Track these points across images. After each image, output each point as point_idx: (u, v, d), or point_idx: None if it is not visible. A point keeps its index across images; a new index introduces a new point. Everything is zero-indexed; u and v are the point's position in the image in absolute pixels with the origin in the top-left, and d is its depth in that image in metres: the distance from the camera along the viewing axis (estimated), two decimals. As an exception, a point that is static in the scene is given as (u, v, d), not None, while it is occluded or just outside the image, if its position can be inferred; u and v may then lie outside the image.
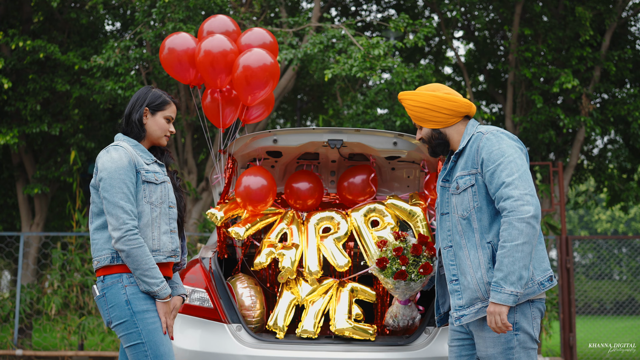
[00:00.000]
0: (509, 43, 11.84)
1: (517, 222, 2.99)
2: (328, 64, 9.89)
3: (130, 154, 3.31)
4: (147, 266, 3.19)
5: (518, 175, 3.06)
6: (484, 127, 3.30)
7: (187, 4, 9.72)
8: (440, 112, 3.32)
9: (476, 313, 3.12)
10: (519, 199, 3.01)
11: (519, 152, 3.14)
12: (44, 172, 11.59)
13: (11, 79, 10.77)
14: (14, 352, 10.13)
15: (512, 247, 2.98)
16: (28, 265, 11.54)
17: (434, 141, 3.39)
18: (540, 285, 3.08)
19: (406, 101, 3.41)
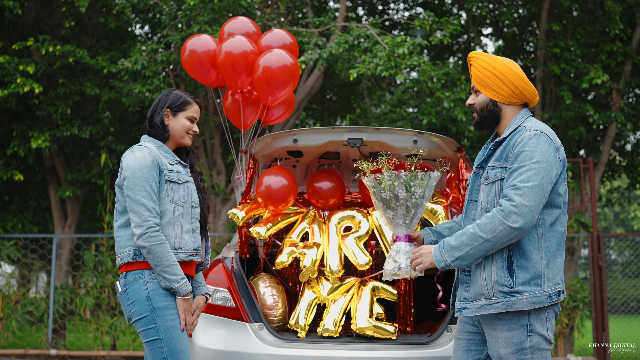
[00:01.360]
0: (537, 39, 11.71)
1: (498, 222, 2.95)
2: (354, 64, 9.89)
3: (154, 153, 3.38)
4: (168, 263, 3.24)
5: (532, 185, 2.94)
6: (532, 121, 3.15)
7: (212, 6, 9.79)
8: (507, 85, 3.16)
9: (478, 309, 3.07)
10: (517, 207, 2.93)
11: (550, 161, 2.99)
12: (75, 175, 11.77)
13: (42, 84, 10.96)
14: (49, 351, 10.31)
15: (477, 236, 2.98)
16: (61, 267, 11.73)
17: (486, 111, 3.22)
18: (548, 297, 2.99)
19: (477, 60, 3.24)
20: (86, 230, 16.08)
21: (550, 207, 3.05)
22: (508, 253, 3.04)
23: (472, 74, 3.26)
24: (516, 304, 2.97)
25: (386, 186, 3.43)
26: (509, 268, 3.02)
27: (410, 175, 3.43)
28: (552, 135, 3.07)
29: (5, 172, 11.19)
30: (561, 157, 3.06)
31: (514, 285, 2.99)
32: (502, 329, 3.03)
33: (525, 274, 3.00)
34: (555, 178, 3.02)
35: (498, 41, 14.44)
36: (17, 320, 10.69)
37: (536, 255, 3.01)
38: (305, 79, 12.43)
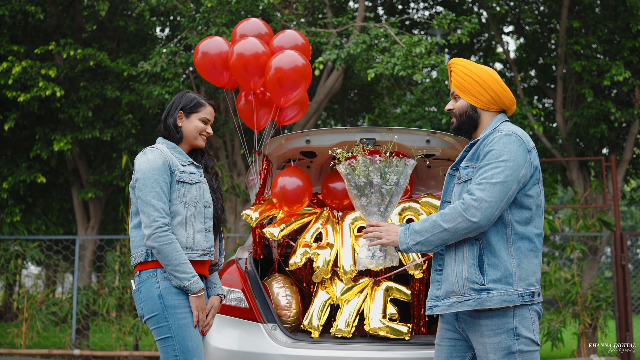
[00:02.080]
0: (558, 36, 11.60)
1: (458, 214, 2.99)
2: (372, 64, 9.87)
3: (166, 155, 3.42)
4: (178, 261, 3.27)
5: (495, 181, 2.98)
6: (506, 125, 3.19)
7: (229, 8, 9.83)
8: (487, 91, 3.20)
9: (449, 306, 3.08)
10: (477, 201, 2.97)
11: (518, 161, 3.03)
12: (97, 177, 11.88)
13: (64, 87, 11.08)
14: (72, 352, 10.42)
15: (438, 225, 3.04)
16: (84, 268, 11.86)
17: (465, 116, 3.26)
18: (519, 296, 3.00)
19: (457, 67, 3.28)
20: (109, 232, 16.24)
21: (520, 207, 3.06)
22: (479, 251, 3.06)
23: (453, 79, 3.29)
24: (486, 301, 2.98)
25: (360, 172, 3.42)
26: (480, 266, 3.04)
27: (385, 161, 3.43)
28: (524, 137, 3.10)
29: (29, 175, 11.33)
30: (532, 159, 3.08)
31: (484, 283, 3.00)
32: (488, 335, 3.04)
33: (496, 272, 3.01)
34: (524, 179, 3.03)
35: (519, 39, 14.33)
36: (41, 320, 10.83)
37: (506, 255, 3.03)
38: (324, 79, 12.44)
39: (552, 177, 14.67)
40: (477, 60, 14.99)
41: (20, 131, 12.03)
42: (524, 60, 13.83)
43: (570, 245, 10.38)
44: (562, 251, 10.84)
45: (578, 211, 10.95)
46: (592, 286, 10.11)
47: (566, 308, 10.11)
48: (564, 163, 12.10)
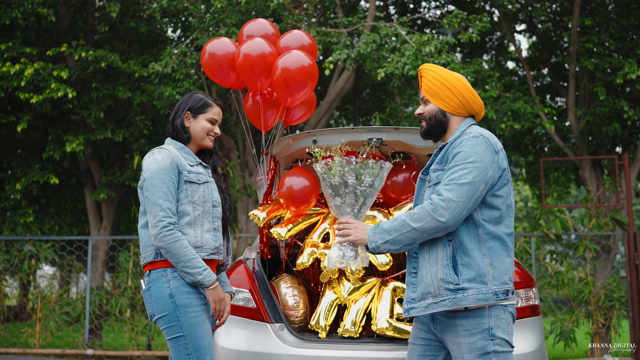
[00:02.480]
0: (570, 34, 11.53)
1: (426, 214, 3.03)
2: (382, 63, 9.86)
3: (174, 155, 3.44)
4: (187, 258, 3.29)
5: (463, 182, 3.02)
6: (474, 128, 3.23)
7: (239, 8, 9.84)
8: (456, 96, 3.25)
9: (425, 308, 3.10)
10: (445, 201, 3.01)
11: (485, 162, 3.06)
12: (109, 178, 11.94)
13: (76, 89, 11.15)
14: (85, 351, 10.49)
15: (406, 224, 3.07)
16: (97, 268, 11.92)
17: (434, 120, 3.31)
18: (494, 295, 3.04)
19: (428, 72, 3.33)
20: (122, 232, 16.32)
21: (490, 208, 3.10)
22: (452, 251, 3.09)
23: (423, 84, 3.34)
24: (462, 300, 3.02)
25: (336, 172, 3.45)
26: (453, 266, 3.07)
27: (361, 163, 3.45)
28: (492, 139, 3.14)
29: (42, 176, 11.41)
30: (500, 160, 3.11)
31: (459, 283, 3.04)
32: (464, 335, 3.07)
33: (470, 272, 3.04)
34: (492, 180, 3.07)
35: (531, 38, 14.26)
36: (54, 320, 10.90)
37: (478, 254, 3.06)
38: (335, 79, 12.44)
39: (565, 176, 14.59)
40: (489, 59, 14.93)
41: (33, 132, 12.12)
42: (537, 59, 13.76)
43: (583, 244, 10.32)
44: (575, 250, 10.78)
45: (591, 210, 10.88)
46: (605, 286, 10.05)
47: (579, 308, 10.05)
48: (577, 162, 12.03)
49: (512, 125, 10.27)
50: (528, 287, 4.33)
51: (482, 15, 10.06)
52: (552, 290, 10.47)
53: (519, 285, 4.28)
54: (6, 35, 11.22)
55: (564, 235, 10.66)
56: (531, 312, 4.30)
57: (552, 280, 10.20)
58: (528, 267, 10.17)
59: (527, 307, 4.29)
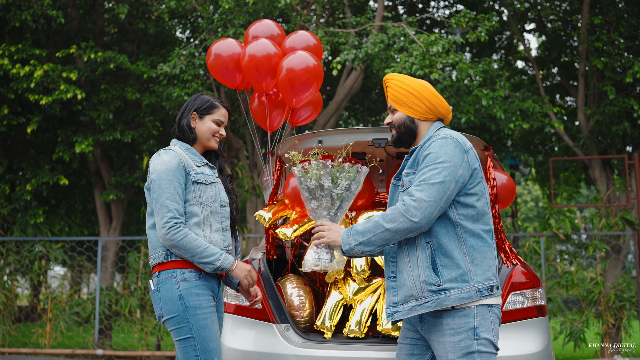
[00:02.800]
0: (579, 33, 11.47)
1: (399, 214, 3.06)
2: (390, 63, 9.85)
3: (181, 156, 3.44)
4: (201, 249, 3.30)
5: (433, 182, 3.05)
6: (443, 130, 3.26)
7: (247, 9, 9.86)
8: (422, 102, 3.30)
9: (409, 311, 3.12)
10: (417, 201, 3.04)
11: (455, 162, 3.09)
12: (118, 179, 11.99)
13: (85, 90, 11.21)
14: (95, 351, 10.54)
15: (379, 225, 3.09)
16: (107, 269, 11.97)
17: (403, 128, 3.35)
18: (477, 292, 3.06)
19: (392, 81, 3.38)
20: (132, 233, 16.38)
21: (466, 206, 3.13)
22: (431, 253, 3.12)
23: (389, 94, 3.39)
24: (445, 301, 3.04)
25: (312, 175, 3.46)
26: (433, 268, 3.09)
27: (337, 166, 3.47)
28: (460, 139, 3.18)
29: (52, 177, 11.47)
30: (470, 159, 3.14)
31: (441, 283, 3.06)
32: (449, 333, 3.08)
33: (450, 272, 3.07)
34: (462, 178, 3.10)
35: (541, 37, 14.21)
36: (65, 321, 10.96)
37: (458, 254, 3.09)
38: (344, 79, 12.44)
39: (575, 175, 14.52)
40: (498, 59, 14.89)
41: (43, 134, 12.19)
42: (546, 58, 13.71)
43: (592, 244, 10.28)
44: (584, 250, 10.73)
45: (601, 210, 10.83)
46: (615, 286, 9.99)
47: (589, 308, 10.00)
48: (587, 161, 11.98)
49: (520, 124, 10.23)
50: (534, 287, 4.31)
51: (490, 15, 10.04)
52: (562, 291, 10.42)
53: (525, 285, 4.26)
54: (16, 37, 11.30)
55: (574, 235, 10.62)
56: (537, 312, 4.28)
57: (562, 280, 10.16)
58: (537, 267, 10.13)
59: (534, 308, 4.28)
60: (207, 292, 3.39)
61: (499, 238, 4.48)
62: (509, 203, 4.91)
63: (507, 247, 4.47)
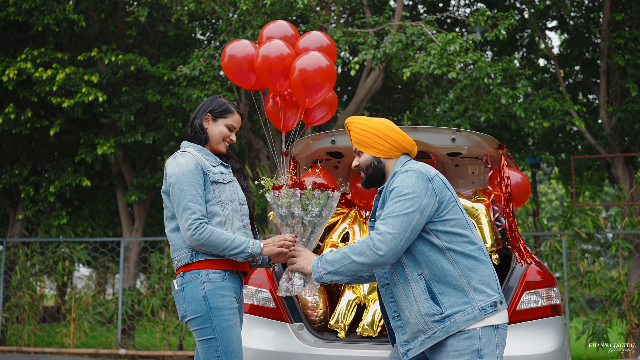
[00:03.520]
0: (600, 30, 11.35)
1: (366, 247, 3.08)
2: (409, 62, 9.84)
3: (197, 158, 3.45)
4: (229, 241, 3.32)
5: (396, 214, 3.06)
6: (406, 165, 3.27)
7: (265, 10, 9.90)
8: (385, 141, 3.33)
9: (421, 345, 3.11)
10: (382, 234, 3.06)
11: (418, 192, 3.09)
12: (140, 180, 12.10)
13: (106, 92, 11.33)
14: (118, 351, 10.64)
15: (347, 256, 3.12)
16: (129, 269, 12.09)
17: (371, 169, 3.38)
18: (481, 310, 3.04)
19: (354, 124, 3.42)
20: (156, 234, 16.51)
21: (446, 233, 3.12)
22: (425, 284, 3.11)
23: (352, 137, 3.43)
24: (452, 327, 3.03)
25: (283, 203, 3.49)
26: (432, 297, 3.09)
27: (306, 194, 3.49)
28: (423, 168, 3.18)
29: (74, 179, 11.61)
30: (435, 187, 3.13)
31: (443, 311, 3.05)
32: (453, 355, 3.06)
33: (450, 297, 3.06)
34: (429, 207, 3.10)
35: (563, 34, 14.08)
36: (88, 321, 11.09)
37: (454, 278, 3.08)
38: (364, 79, 12.43)
39: (598, 174, 14.36)
40: (520, 57, 14.79)
41: (66, 136, 12.34)
42: (568, 56, 13.58)
43: (615, 243, 10.16)
44: (607, 250, 10.62)
45: (624, 209, 10.71)
46: (638, 285, 9.87)
47: (612, 308, 9.89)
48: (609, 160, 11.85)
49: (541, 123, 10.15)
50: (549, 286, 4.28)
51: (508, 13, 9.97)
52: (585, 290, 10.32)
53: (540, 284, 4.24)
54: (39, 41, 11.45)
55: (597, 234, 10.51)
56: (552, 311, 4.25)
57: (584, 279, 10.06)
58: (559, 266, 10.05)
59: (548, 307, 4.25)
60: (231, 294, 3.40)
61: (513, 237, 4.46)
62: (523, 202, 4.89)
63: (522, 246, 4.45)
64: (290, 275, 3.47)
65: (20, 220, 12.59)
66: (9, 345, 11.37)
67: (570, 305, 9.90)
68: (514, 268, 4.29)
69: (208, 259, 3.39)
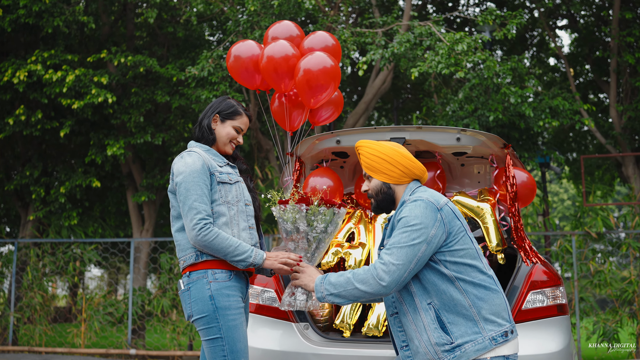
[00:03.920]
0: (609, 29, 11.30)
1: (370, 276, 3.07)
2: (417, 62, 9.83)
3: (204, 157, 3.46)
4: (232, 247, 3.33)
5: (402, 245, 3.04)
6: (416, 193, 3.23)
7: (273, 11, 9.92)
8: (395, 167, 3.29)
9: None
10: (386, 264, 3.04)
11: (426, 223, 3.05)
12: (150, 181, 12.14)
13: (116, 94, 11.39)
14: (128, 351, 10.69)
15: (350, 282, 3.11)
16: (139, 270, 12.14)
17: (381, 195, 3.35)
18: (492, 340, 3.01)
19: (364, 149, 3.39)
20: (167, 235, 16.55)
21: (454, 263, 3.08)
22: (435, 313, 3.08)
23: (362, 161, 3.39)
24: (462, 357, 3.00)
25: (288, 218, 3.49)
26: (442, 327, 3.05)
27: (312, 209, 3.48)
28: (432, 198, 3.14)
29: (85, 180, 11.67)
30: (444, 217, 3.10)
31: (453, 341, 3.02)
32: None
33: (460, 327, 3.03)
34: (436, 238, 3.06)
35: (573, 33, 14.02)
36: (99, 321, 11.14)
37: (463, 307, 3.04)
38: (373, 79, 12.43)
39: (609, 173, 14.28)
40: (530, 56, 14.74)
41: (76, 137, 12.41)
42: (578, 55, 13.52)
43: (626, 243, 10.10)
44: (617, 249, 10.56)
45: (634, 208, 10.64)
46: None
47: (622, 307, 9.84)
48: (620, 159, 11.78)
49: (550, 122, 10.11)
50: (555, 285, 4.27)
51: (517, 12, 9.94)
52: (595, 290, 10.26)
53: (546, 284, 4.22)
54: (49, 43, 11.52)
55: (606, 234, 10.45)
56: (558, 311, 4.24)
57: (595, 279, 10.01)
58: (569, 266, 10.00)
59: (554, 306, 4.23)
60: (237, 293, 3.42)
61: (518, 236, 4.45)
62: (529, 201, 4.87)
63: (527, 246, 4.44)
64: (294, 290, 3.48)
65: (31, 221, 12.67)
66: (21, 345, 11.44)
67: (580, 305, 9.85)
68: (519, 267, 4.28)
69: (214, 259, 3.40)
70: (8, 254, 12.87)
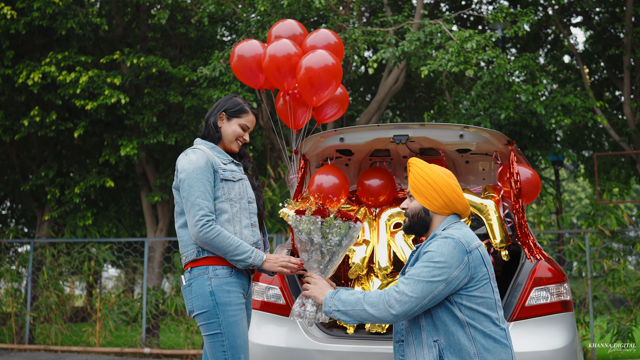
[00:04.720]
0: (623, 25, 11.21)
1: (381, 302, 3.04)
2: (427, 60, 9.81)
3: (208, 155, 3.50)
4: (233, 247, 3.36)
5: (420, 279, 3.00)
6: (450, 228, 3.17)
7: (282, 11, 9.94)
8: (440, 196, 3.22)
9: None
10: (400, 294, 3.00)
11: (451, 263, 3.00)
12: (163, 180, 12.22)
13: (129, 94, 11.47)
14: (143, 350, 10.77)
15: (360, 303, 3.09)
16: (153, 269, 12.22)
17: (417, 218, 3.29)
18: None
19: (414, 167, 3.33)
20: (180, 234, 16.62)
21: (470, 309, 3.03)
22: (438, 352, 3.04)
23: (409, 179, 3.33)
24: None
25: (303, 229, 3.47)
26: None
27: (327, 222, 3.46)
28: (464, 238, 3.07)
29: (99, 180, 11.77)
30: (472, 260, 3.04)
31: None
32: None
33: None
34: (457, 280, 3.01)
35: (588, 30, 13.92)
36: (113, 320, 11.24)
37: (468, 355, 2.99)
38: (385, 77, 12.42)
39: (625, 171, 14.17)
40: (545, 54, 14.66)
41: (90, 138, 12.52)
42: (593, 52, 13.43)
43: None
44: (632, 247, 10.47)
45: (648, 205, 10.56)
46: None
47: (637, 306, 9.76)
48: (634, 156, 11.69)
49: (562, 120, 10.05)
50: (559, 282, 4.25)
51: (527, 10, 9.89)
52: (609, 288, 10.19)
53: (550, 280, 4.21)
54: (63, 45, 11.63)
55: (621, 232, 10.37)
56: (562, 307, 4.22)
57: (608, 278, 9.93)
58: (582, 264, 9.94)
59: (558, 303, 4.22)
60: (237, 289, 3.45)
61: (522, 233, 4.44)
62: (533, 198, 4.86)
63: (531, 242, 4.42)
64: (304, 301, 3.49)
65: (47, 221, 12.80)
66: (37, 344, 11.57)
67: (594, 304, 9.79)
68: (523, 264, 4.27)
69: (215, 255, 3.43)
70: (25, 254, 13.02)
